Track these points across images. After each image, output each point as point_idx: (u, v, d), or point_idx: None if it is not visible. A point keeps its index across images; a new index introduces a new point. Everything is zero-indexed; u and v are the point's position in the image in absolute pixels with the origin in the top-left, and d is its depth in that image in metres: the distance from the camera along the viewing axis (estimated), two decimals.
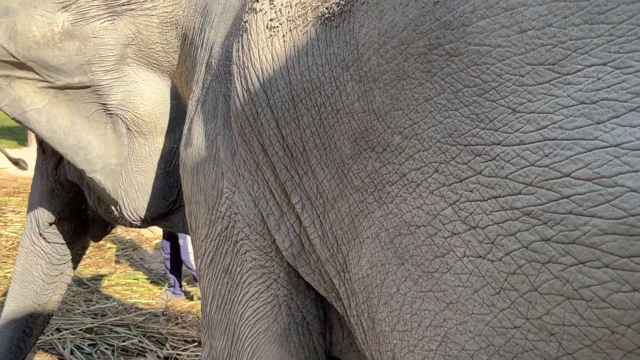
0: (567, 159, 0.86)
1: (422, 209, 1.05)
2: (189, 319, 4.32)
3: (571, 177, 0.85)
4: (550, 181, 0.87)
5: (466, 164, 0.97)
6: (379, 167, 1.14)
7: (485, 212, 0.95)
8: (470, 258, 0.98)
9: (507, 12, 0.92)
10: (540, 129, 0.88)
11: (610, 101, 0.83)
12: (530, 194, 0.89)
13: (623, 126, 0.82)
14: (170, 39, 2.02)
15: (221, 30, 1.73)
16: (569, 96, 0.86)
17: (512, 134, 0.91)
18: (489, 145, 0.94)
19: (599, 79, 0.84)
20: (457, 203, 0.99)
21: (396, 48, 1.07)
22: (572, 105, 0.86)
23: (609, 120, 0.83)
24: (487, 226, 0.95)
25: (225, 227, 1.54)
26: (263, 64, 1.37)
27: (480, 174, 0.95)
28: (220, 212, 1.54)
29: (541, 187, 0.88)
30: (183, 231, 2.31)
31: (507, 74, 0.92)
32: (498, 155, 0.93)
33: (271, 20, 1.38)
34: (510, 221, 0.92)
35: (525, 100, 0.90)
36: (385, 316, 1.16)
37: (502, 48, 0.92)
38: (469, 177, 0.97)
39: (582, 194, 0.84)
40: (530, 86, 0.90)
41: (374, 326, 1.22)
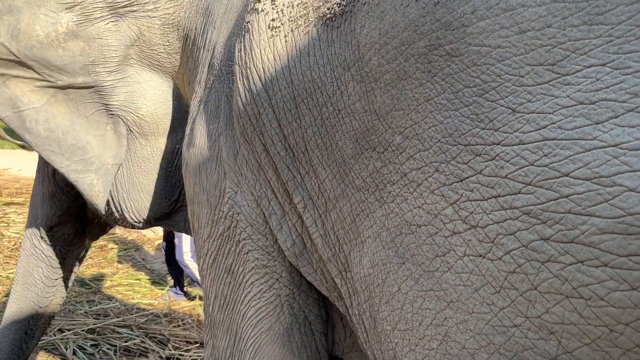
0: (566, 158, 0.86)
1: (423, 209, 1.06)
2: (191, 320, 4.32)
3: (570, 177, 0.86)
4: (550, 181, 0.88)
5: (466, 164, 0.98)
6: (380, 166, 1.15)
7: (485, 212, 0.96)
8: (471, 257, 0.98)
9: (506, 13, 0.92)
10: (540, 129, 0.89)
11: (609, 101, 0.84)
12: (529, 194, 0.90)
13: (622, 126, 0.83)
14: (172, 40, 2.03)
15: (223, 30, 1.73)
16: (568, 96, 0.87)
17: (511, 134, 0.92)
18: (488, 145, 0.94)
19: (597, 80, 0.85)
20: (458, 202, 1.00)
21: (397, 48, 1.07)
22: (571, 106, 0.87)
23: (607, 120, 0.84)
24: (487, 225, 0.95)
25: (227, 227, 1.54)
26: (265, 64, 1.38)
27: (480, 173, 0.96)
28: (223, 212, 1.55)
29: (540, 187, 0.88)
30: (184, 230, 2.30)
31: (507, 74, 0.92)
32: (498, 155, 0.93)
33: (273, 20, 1.38)
34: (510, 220, 0.92)
35: (524, 101, 0.91)
36: (387, 315, 1.17)
37: (502, 49, 0.93)
38: (469, 177, 0.98)
39: (580, 194, 0.85)
40: (529, 86, 0.90)
41: (375, 325, 1.23)
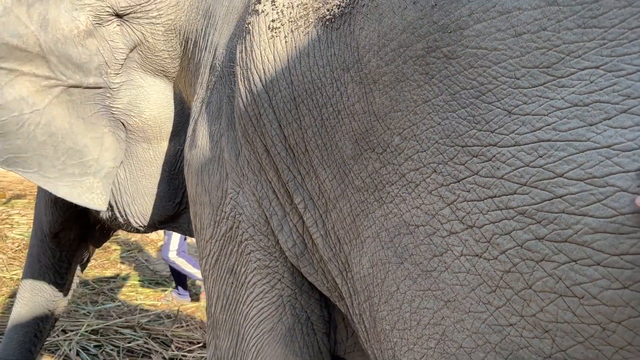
0: (561, 159, 0.87)
1: (421, 209, 1.07)
2: (194, 321, 4.33)
3: (564, 177, 0.87)
4: (544, 181, 0.89)
5: (463, 165, 0.99)
6: (379, 167, 1.15)
7: (481, 212, 0.97)
8: (468, 257, 0.99)
9: (502, 15, 0.93)
10: (535, 131, 0.90)
11: (602, 103, 0.85)
12: (524, 194, 0.91)
13: (614, 128, 0.84)
14: (175, 45, 2.02)
15: (225, 32, 1.73)
16: (562, 98, 0.88)
17: (507, 135, 0.93)
18: (485, 147, 0.95)
19: (591, 82, 0.86)
20: (455, 203, 1.01)
21: (395, 50, 1.08)
22: (565, 108, 0.88)
23: (601, 122, 0.85)
24: (484, 225, 0.96)
25: (229, 227, 1.55)
26: (265, 65, 1.38)
27: (477, 174, 0.97)
28: (225, 212, 1.55)
29: (535, 187, 0.89)
30: (189, 232, 2.28)
31: (503, 76, 0.93)
32: (494, 156, 0.94)
33: (273, 21, 1.39)
34: (506, 220, 0.93)
35: (520, 103, 0.92)
36: (386, 315, 1.17)
37: (498, 51, 0.94)
38: (466, 178, 0.99)
39: (574, 194, 0.86)
40: (525, 89, 0.91)
41: (375, 325, 1.23)
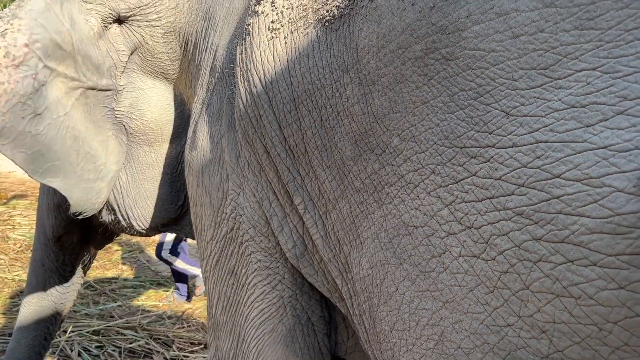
0: (558, 160, 0.87)
1: (420, 210, 1.07)
2: (195, 321, 4.33)
3: (561, 178, 0.87)
4: (542, 182, 0.89)
5: (462, 166, 0.99)
6: (379, 168, 1.16)
7: (479, 213, 0.97)
8: (466, 258, 1.00)
9: (500, 17, 0.93)
10: (533, 132, 0.90)
11: (599, 105, 0.85)
12: (522, 195, 0.91)
13: (611, 129, 0.84)
14: (175, 47, 2.02)
15: (225, 33, 1.73)
16: (559, 100, 0.88)
17: (505, 136, 0.93)
18: (483, 148, 0.96)
19: (588, 83, 0.86)
20: (453, 204, 1.01)
21: (394, 52, 1.08)
22: (562, 109, 0.88)
23: (597, 123, 0.85)
24: (482, 226, 0.97)
25: (230, 228, 1.55)
26: (265, 66, 1.39)
27: (475, 175, 0.97)
28: (226, 213, 1.55)
29: (533, 188, 0.90)
30: (191, 235, 2.27)
31: (501, 78, 0.94)
32: (492, 157, 0.95)
33: (273, 22, 1.39)
34: (503, 221, 0.93)
35: (518, 104, 0.92)
36: (385, 315, 1.18)
37: (496, 53, 0.94)
38: (464, 179, 0.99)
39: (571, 194, 0.86)
40: (523, 90, 0.92)
41: (374, 325, 1.24)
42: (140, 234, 2.28)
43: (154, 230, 2.25)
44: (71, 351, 3.65)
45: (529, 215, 0.90)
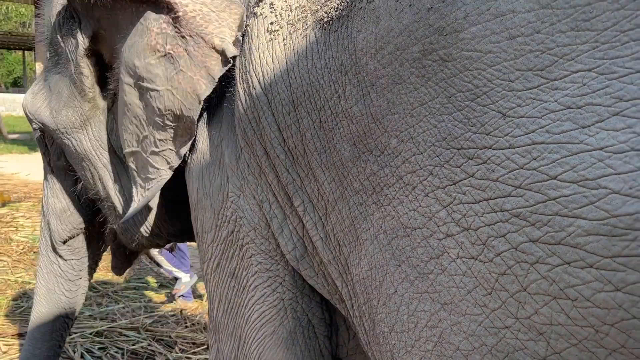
0: (554, 162, 0.87)
1: (418, 211, 1.07)
2: (198, 322, 4.34)
3: (557, 180, 0.87)
4: (538, 184, 0.89)
5: (459, 167, 0.99)
6: (377, 169, 1.16)
7: (477, 214, 0.97)
8: (464, 259, 1.00)
9: (497, 18, 0.94)
10: (529, 133, 0.90)
11: (595, 106, 0.85)
12: (519, 196, 0.91)
13: (607, 130, 0.84)
14: None
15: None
16: (556, 101, 0.88)
17: (502, 137, 0.93)
18: (480, 149, 0.96)
19: (584, 85, 0.86)
20: (451, 205, 1.01)
21: (392, 53, 1.09)
22: (559, 110, 0.88)
23: (593, 124, 0.85)
24: (479, 228, 0.96)
25: (231, 231, 1.55)
26: (264, 68, 1.39)
27: (472, 176, 0.97)
28: (226, 216, 1.55)
29: (529, 190, 0.90)
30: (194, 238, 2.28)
31: (498, 79, 0.94)
32: (489, 158, 0.94)
33: (271, 24, 1.39)
34: (501, 223, 0.93)
35: (514, 105, 0.92)
36: (384, 317, 1.18)
37: (492, 54, 0.94)
38: (462, 180, 0.99)
39: (567, 196, 0.86)
40: (519, 91, 0.92)
41: (374, 327, 1.24)
42: (158, 246, 2.31)
43: (166, 240, 2.25)
44: (74, 353, 3.65)
45: (526, 217, 0.90)
